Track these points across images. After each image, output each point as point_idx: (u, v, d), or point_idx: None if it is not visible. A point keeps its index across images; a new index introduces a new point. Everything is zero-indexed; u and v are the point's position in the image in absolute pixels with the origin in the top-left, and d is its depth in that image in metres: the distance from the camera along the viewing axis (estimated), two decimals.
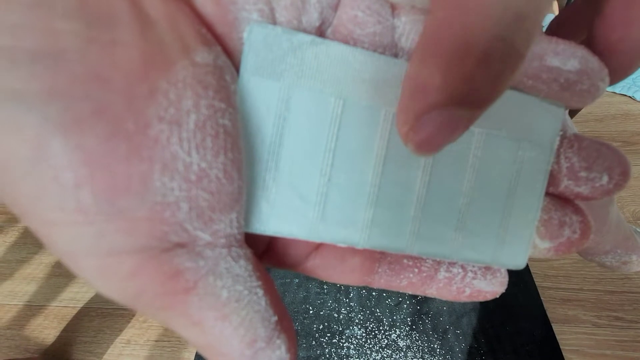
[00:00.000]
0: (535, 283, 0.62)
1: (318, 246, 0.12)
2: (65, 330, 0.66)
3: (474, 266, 0.12)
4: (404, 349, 0.49)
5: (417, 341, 0.49)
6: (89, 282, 0.08)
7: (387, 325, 0.50)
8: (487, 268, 0.12)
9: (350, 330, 0.50)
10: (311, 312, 0.53)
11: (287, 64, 0.09)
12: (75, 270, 0.08)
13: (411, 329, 0.50)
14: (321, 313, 0.53)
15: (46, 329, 0.67)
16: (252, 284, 0.09)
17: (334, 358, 0.49)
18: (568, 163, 0.11)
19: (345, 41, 0.10)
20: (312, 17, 0.09)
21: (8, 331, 0.67)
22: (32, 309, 0.69)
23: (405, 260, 0.12)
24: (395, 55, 0.10)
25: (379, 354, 0.48)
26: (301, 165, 0.10)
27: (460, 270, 0.12)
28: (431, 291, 0.12)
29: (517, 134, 0.11)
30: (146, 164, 0.08)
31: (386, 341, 0.49)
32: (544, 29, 0.11)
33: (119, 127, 0.07)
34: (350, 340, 0.50)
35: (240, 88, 0.09)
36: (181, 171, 0.08)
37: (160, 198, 0.08)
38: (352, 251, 0.12)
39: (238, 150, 0.09)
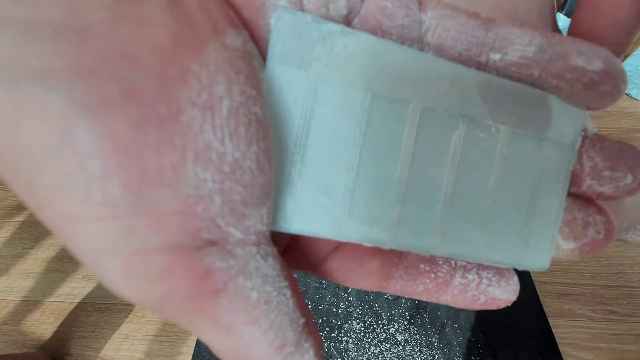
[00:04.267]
0: (532, 278, 0.63)
1: (336, 247, 0.11)
2: (62, 325, 0.66)
3: (488, 272, 0.12)
4: (402, 343, 0.49)
5: (416, 335, 0.50)
6: (111, 284, 0.07)
7: (386, 320, 0.51)
8: (501, 275, 0.12)
9: (349, 324, 0.51)
10: (310, 306, 0.54)
11: (315, 53, 0.09)
12: (97, 271, 0.07)
13: (409, 323, 0.50)
14: (320, 307, 0.53)
15: (43, 324, 0.66)
16: (280, 284, 0.09)
17: (332, 352, 0.49)
18: (591, 162, 0.11)
19: (373, 32, 0.10)
20: (340, 6, 0.09)
21: (5, 326, 0.66)
22: (28, 304, 0.69)
23: (422, 265, 0.12)
24: (421, 50, 0.10)
25: (378, 348, 0.49)
26: (328, 159, 0.09)
27: (475, 276, 0.12)
28: (446, 298, 0.12)
29: (540, 133, 0.11)
30: (178, 152, 0.07)
31: (385, 335, 0.50)
32: (565, 33, 0.11)
33: (150, 111, 0.07)
34: (349, 335, 0.50)
35: (267, 77, 0.09)
36: (214, 161, 0.07)
37: (192, 190, 0.07)
38: (371, 254, 0.11)
39: (268, 140, 0.09)
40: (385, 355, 0.50)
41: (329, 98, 0.09)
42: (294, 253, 0.11)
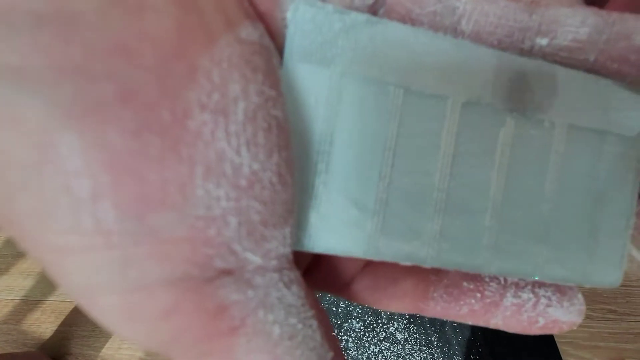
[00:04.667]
0: None
1: (365, 265, 0.10)
2: (63, 324, 0.66)
3: (546, 290, 0.10)
4: (402, 342, 0.49)
5: (415, 334, 0.50)
6: (107, 324, 0.06)
7: (385, 319, 0.51)
8: (562, 292, 0.10)
9: (349, 323, 0.51)
10: None
11: (339, 47, 0.08)
12: (91, 311, 0.06)
13: (409, 322, 0.51)
14: None
15: (44, 324, 0.66)
16: (305, 315, 0.07)
17: None
18: None
19: (402, 21, 0.09)
20: None
21: (5, 326, 0.67)
22: (29, 303, 0.69)
23: (465, 283, 0.10)
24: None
25: (377, 347, 0.49)
26: (356, 167, 0.08)
27: (530, 295, 0.10)
28: (496, 321, 0.10)
29: (601, 125, 0.09)
30: (186, 166, 0.06)
31: (384, 334, 0.50)
32: None
33: (151, 117, 0.06)
34: (348, 334, 0.50)
35: (285, 76, 0.08)
36: (229, 175, 0.06)
37: (203, 211, 0.06)
38: (405, 272, 0.10)
39: (290, 148, 0.08)
40: (385, 354, 0.50)
41: (355, 97, 0.08)
42: (317, 273, 0.10)
